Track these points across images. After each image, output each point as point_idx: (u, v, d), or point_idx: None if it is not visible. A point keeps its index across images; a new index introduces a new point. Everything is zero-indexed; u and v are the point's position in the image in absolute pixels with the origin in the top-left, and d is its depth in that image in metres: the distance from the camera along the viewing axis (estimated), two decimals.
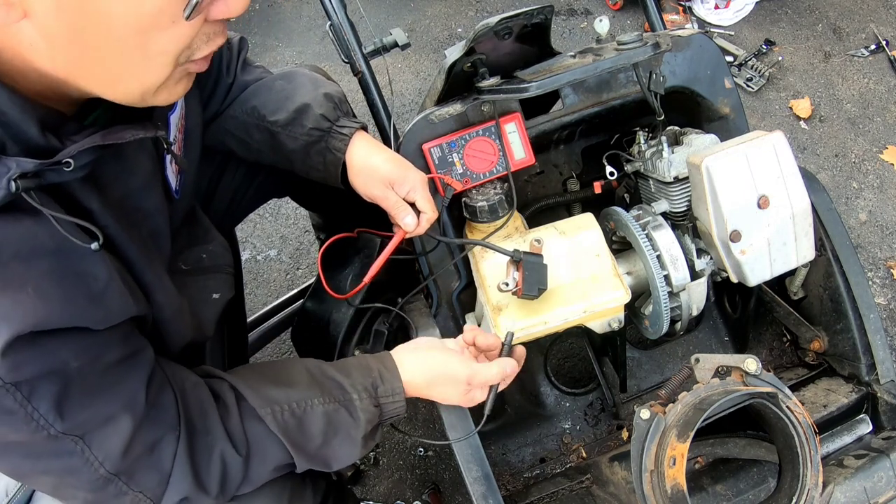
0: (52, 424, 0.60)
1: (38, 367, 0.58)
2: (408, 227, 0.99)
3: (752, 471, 1.02)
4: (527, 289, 0.93)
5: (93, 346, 0.62)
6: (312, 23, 2.65)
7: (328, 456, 0.81)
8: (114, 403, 0.65)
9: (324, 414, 0.79)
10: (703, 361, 0.86)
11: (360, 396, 0.81)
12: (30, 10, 0.52)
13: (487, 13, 2.64)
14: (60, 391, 0.60)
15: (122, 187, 0.71)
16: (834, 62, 2.44)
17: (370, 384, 0.83)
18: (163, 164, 0.81)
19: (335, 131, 0.99)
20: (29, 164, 0.55)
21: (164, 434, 0.69)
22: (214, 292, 0.92)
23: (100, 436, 0.64)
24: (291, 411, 0.78)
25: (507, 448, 1.27)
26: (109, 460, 0.65)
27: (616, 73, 1.17)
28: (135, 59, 0.58)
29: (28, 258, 0.57)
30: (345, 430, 0.81)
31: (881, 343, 1.08)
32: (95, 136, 0.61)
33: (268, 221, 2.10)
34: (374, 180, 0.98)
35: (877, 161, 2.17)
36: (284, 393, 0.78)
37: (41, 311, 0.57)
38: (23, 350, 0.56)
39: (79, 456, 0.63)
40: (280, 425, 0.76)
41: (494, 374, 0.88)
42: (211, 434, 0.73)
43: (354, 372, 0.84)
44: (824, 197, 1.11)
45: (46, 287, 0.58)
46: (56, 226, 0.58)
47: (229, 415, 0.75)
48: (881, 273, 1.93)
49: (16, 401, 0.58)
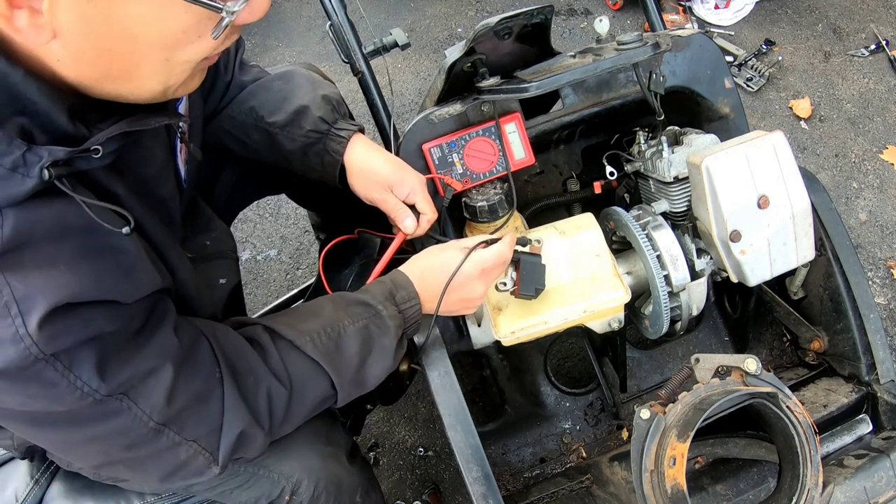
0: (96, 390, 0.61)
1: (75, 336, 0.59)
2: (408, 229, 0.99)
3: (752, 471, 1.02)
4: (524, 288, 0.93)
5: (124, 314, 0.64)
6: (312, 23, 2.65)
7: (366, 375, 0.85)
8: (151, 356, 0.66)
9: (357, 332, 0.82)
10: (703, 361, 0.86)
11: (384, 306, 0.85)
12: (59, 32, 0.53)
13: (487, 13, 2.64)
14: (99, 356, 0.61)
15: (141, 174, 0.73)
16: (834, 62, 2.44)
17: (388, 293, 0.87)
18: (174, 153, 0.83)
19: (333, 133, 0.99)
20: (60, 151, 0.57)
21: (206, 380, 0.71)
22: (221, 278, 0.94)
23: (144, 389, 0.65)
24: (328, 335, 0.81)
25: (507, 448, 1.26)
26: (156, 410, 0.66)
27: (616, 73, 1.17)
28: (159, 69, 0.60)
29: (59, 238, 0.59)
30: (378, 342, 0.84)
31: (881, 343, 1.08)
32: (121, 124, 0.62)
33: (268, 221, 2.10)
34: (373, 183, 0.99)
35: (877, 161, 2.17)
36: (315, 322, 0.82)
37: (74, 284, 0.58)
38: (58, 321, 0.57)
39: (126, 413, 0.64)
40: (320, 351, 0.79)
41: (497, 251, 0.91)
42: (254, 373, 0.75)
43: (371, 289, 0.88)
44: (824, 197, 1.11)
45: (78, 263, 0.59)
46: (87, 211, 0.59)
47: (268, 354, 0.77)
48: (881, 273, 1.93)
49: (57, 371, 0.59)
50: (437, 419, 1.61)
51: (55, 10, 0.52)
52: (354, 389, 0.85)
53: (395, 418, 1.68)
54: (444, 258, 0.91)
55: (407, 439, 1.65)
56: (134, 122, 0.63)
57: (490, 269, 0.91)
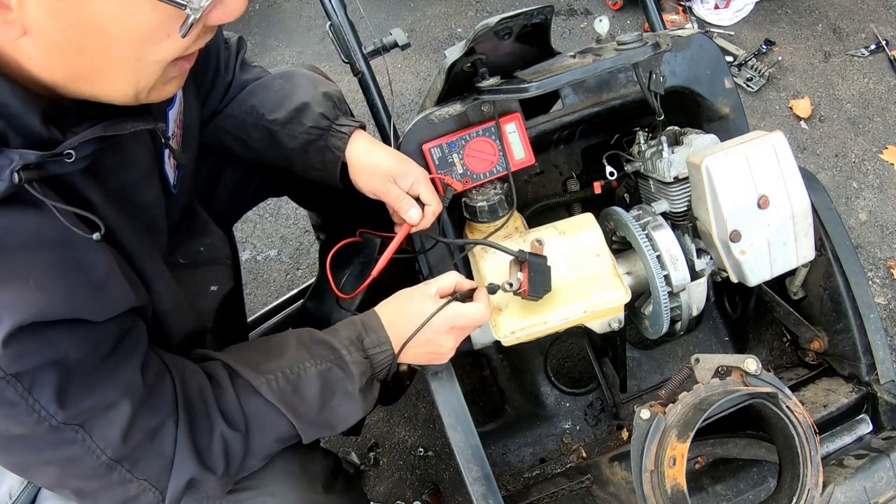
0: (53, 416, 0.61)
1: (39, 357, 0.58)
2: (412, 219, 0.98)
3: (752, 471, 1.02)
4: (532, 290, 0.93)
5: (92, 337, 0.63)
6: (312, 23, 2.66)
7: (330, 418, 0.83)
8: (112, 390, 0.65)
9: (317, 375, 0.80)
10: (703, 361, 0.86)
11: (348, 351, 0.82)
12: (29, 28, 0.53)
13: (487, 13, 2.64)
14: (60, 382, 0.60)
15: (121, 180, 0.72)
16: (834, 62, 2.44)
17: (356, 337, 0.84)
18: (161, 158, 0.82)
19: (334, 130, 0.99)
20: (31, 155, 0.56)
21: (163, 420, 0.70)
22: (212, 284, 0.93)
23: (100, 423, 0.65)
24: (286, 378, 0.78)
25: (507, 448, 1.27)
26: (110, 447, 0.66)
27: (616, 73, 1.17)
28: (130, 67, 0.59)
29: (33, 249, 0.58)
30: (341, 387, 0.82)
31: (881, 343, 1.08)
32: (96, 128, 0.61)
33: (268, 221, 2.10)
34: (377, 176, 0.98)
35: (877, 161, 2.17)
36: (276, 362, 0.79)
37: (42, 302, 0.57)
38: (24, 341, 0.56)
39: (80, 444, 0.64)
40: (276, 393, 0.77)
41: (475, 315, 0.88)
42: (209, 417, 0.74)
43: (340, 330, 0.85)
44: (824, 197, 1.11)
45: (48, 278, 0.58)
46: (58, 216, 0.58)
47: (224, 393, 0.76)
48: (881, 273, 1.93)
49: (17, 392, 0.58)
50: (437, 419, 1.60)
51: (24, 6, 0.51)
52: (319, 430, 0.83)
53: (395, 418, 1.68)
54: (418, 306, 0.87)
55: (407, 439, 1.65)
56: (109, 126, 0.62)
57: (462, 328, 0.89)
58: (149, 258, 0.73)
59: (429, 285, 0.90)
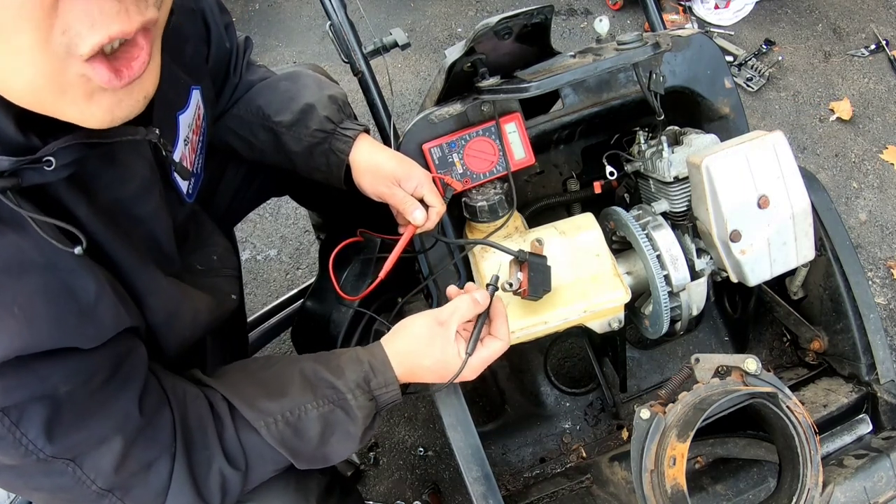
0: (41, 449, 0.59)
1: (27, 392, 0.56)
2: (417, 220, 0.98)
3: (752, 471, 1.02)
4: (532, 290, 0.93)
5: (83, 367, 0.60)
6: (312, 23, 2.66)
7: (327, 453, 0.81)
8: (105, 424, 0.63)
9: (319, 417, 0.78)
10: (703, 361, 0.86)
11: (353, 395, 0.79)
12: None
13: (487, 13, 2.64)
14: (49, 416, 0.58)
15: (114, 194, 0.68)
16: (834, 62, 2.44)
17: (363, 379, 0.81)
18: (167, 167, 0.80)
19: (339, 133, 0.99)
20: (4, 161, 0.52)
21: (159, 454, 0.68)
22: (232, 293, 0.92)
23: (92, 457, 0.63)
24: (286, 421, 0.76)
25: (507, 448, 1.26)
26: (102, 477, 0.64)
27: (616, 73, 1.17)
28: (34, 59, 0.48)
29: (17, 273, 0.54)
30: (342, 428, 0.80)
31: (881, 343, 1.08)
32: (78, 134, 0.57)
33: (268, 221, 2.10)
34: (381, 178, 0.98)
35: (877, 161, 2.17)
36: (277, 403, 0.76)
37: (27, 334, 0.54)
38: (10, 375, 0.54)
39: (70, 476, 0.62)
40: (276, 437, 0.75)
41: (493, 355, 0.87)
42: (209, 449, 0.72)
43: (346, 370, 0.81)
44: (824, 197, 1.11)
45: (34, 306, 0.55)
46: (37, 229, 0.55)
47: (224, 428, 0.74)
48: (881, 273, 1.93)
49: (3, 426, 0.56)
50: (437, 419, 1.61)
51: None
52: (315, 463, 0.81)
53: (395, 418, 1.68)
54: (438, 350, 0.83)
55: (407, 439, 1.65)
56: (93, 133, 0.57)
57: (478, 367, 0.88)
58: (143, 273, 0.69)
59: (446, 327, 0.85)
